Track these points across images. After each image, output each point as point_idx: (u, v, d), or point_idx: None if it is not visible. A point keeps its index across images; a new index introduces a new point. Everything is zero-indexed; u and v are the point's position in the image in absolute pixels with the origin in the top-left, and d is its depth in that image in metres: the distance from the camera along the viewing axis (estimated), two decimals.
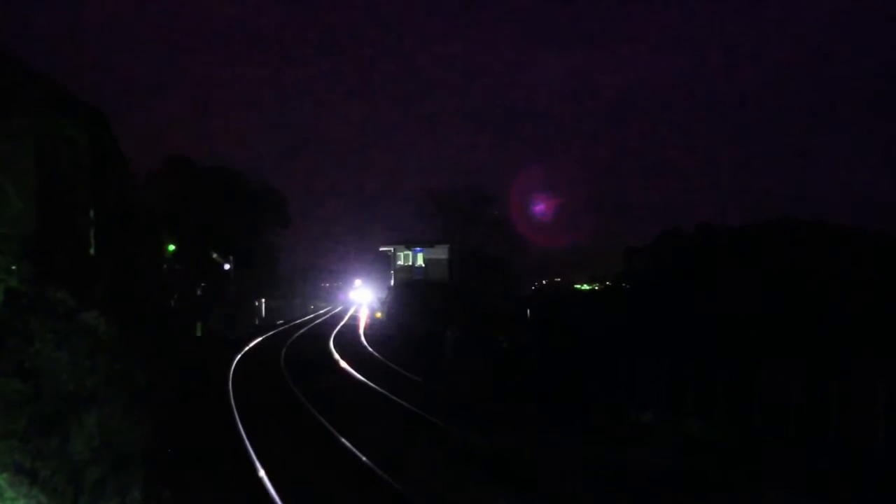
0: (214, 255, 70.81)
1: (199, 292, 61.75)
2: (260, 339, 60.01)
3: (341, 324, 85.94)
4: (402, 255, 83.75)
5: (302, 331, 73.73)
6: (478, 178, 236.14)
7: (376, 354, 49.21)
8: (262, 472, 16.25)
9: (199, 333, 55.06)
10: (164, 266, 51.30)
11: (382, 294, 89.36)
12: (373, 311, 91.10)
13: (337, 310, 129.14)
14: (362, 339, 63.12)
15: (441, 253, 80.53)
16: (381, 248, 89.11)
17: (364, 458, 17.89)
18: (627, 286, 51.38)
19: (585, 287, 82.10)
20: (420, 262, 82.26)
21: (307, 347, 54.15)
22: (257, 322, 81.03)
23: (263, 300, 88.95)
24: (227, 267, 73.53)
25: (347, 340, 61.65)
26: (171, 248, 53.47)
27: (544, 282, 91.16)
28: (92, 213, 24.99)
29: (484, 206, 78.75)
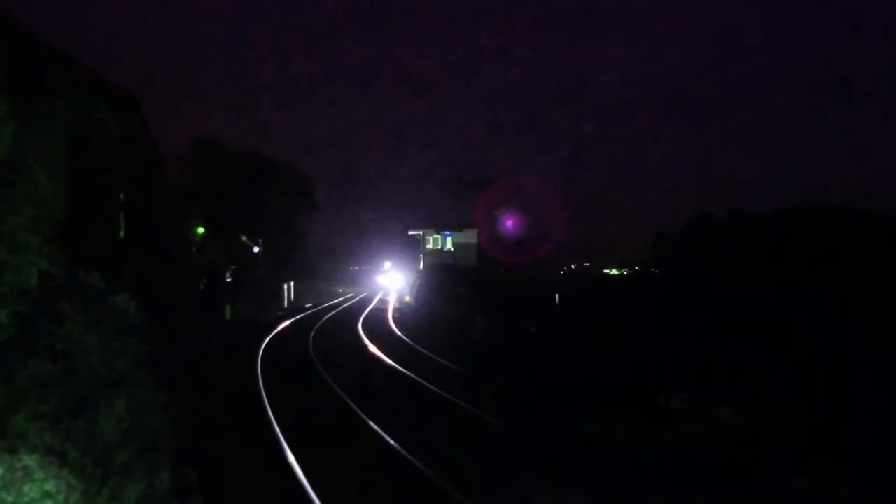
0: (243, 239, 71.13)
1: (228, 275, 62.08)
2: (288, 322, 60.25)
3: (370, 307, 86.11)
4: (431, 238, 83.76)
5: (330, 314, 73.95)
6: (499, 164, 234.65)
7: (405, 338, 49.22)
8: (291, 458, 16.35)
9: (228, 317, 55.40)
10: (194, 249, 51.62)
11: (411, 278, 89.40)
12: (401, 296, 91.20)
13: (365, 294, 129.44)
14: (391, 322, 63.19)
15: (470, 237, 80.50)
16: (411, 232, 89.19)
17: (393, 443, 17.97)
18: (656, 272, 51.12)
19: (614, 272, 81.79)
20: (449, 245, 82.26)
21: (336, 331, 54.29)
22: (286, 305, 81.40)
23: (292, 283, 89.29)
24: (255, 250, 73.87)
25: (376, 324, 61.76)
26: (201, 230, 53.77)
27: (573, 266, 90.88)
28: (122, 196, 25.13)
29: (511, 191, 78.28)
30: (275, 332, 50.79)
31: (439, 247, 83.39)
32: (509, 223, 76.12)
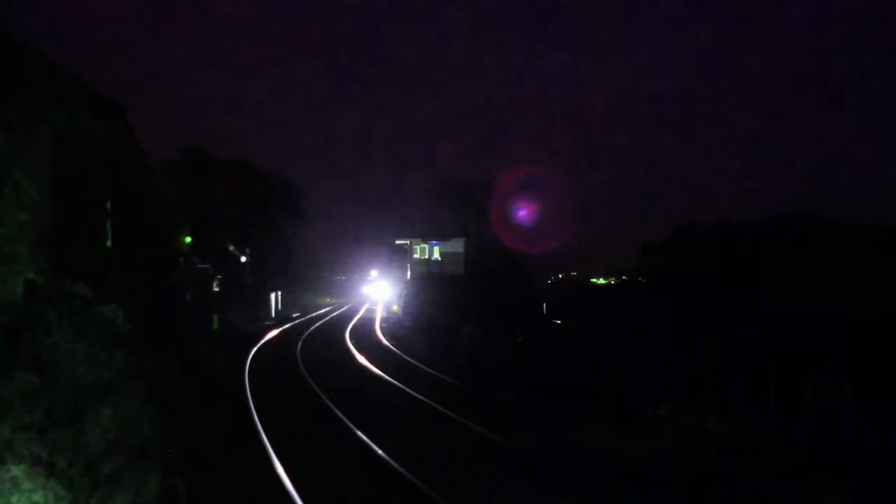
0: (231, 248, 70.92)
1: (215, 285, 61.88)
2: (276, 332, 60.13)
3: (357, 317, 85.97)
4: (418, 248, 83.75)
5: (318, 324, 73.82)
6: (487, 174, 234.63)
7: (393, 348, 49.15)
8: (280, 469, 16.31)
9: (215, 326, 55.14)
10: (181, 258, 51.43)
11: (398, 288, 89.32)
12: (388, 306, 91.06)
13: (352, 304, 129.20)
14: (378, 333, 63.08)
15: (457, 246, 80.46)
16: (398, 242, 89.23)
17: (381, 453, 17.96)
18: (643, 280, 51.23)
19: (601, 281, 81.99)
20: (436, 255, 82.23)
21: (324, 341, 54.19)
22: (273, 315, 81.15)
23: (279, 293, 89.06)
24: (243, 259, 73.65)
25: (363, 334, 61.66)
26: (188, 240, 53.59)
27: (560, 276, 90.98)
28: (108, 205, 25.03)
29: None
30: (262, 341, 50.69)
31: (426, 256, 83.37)
32: (523, 212, 76.28)
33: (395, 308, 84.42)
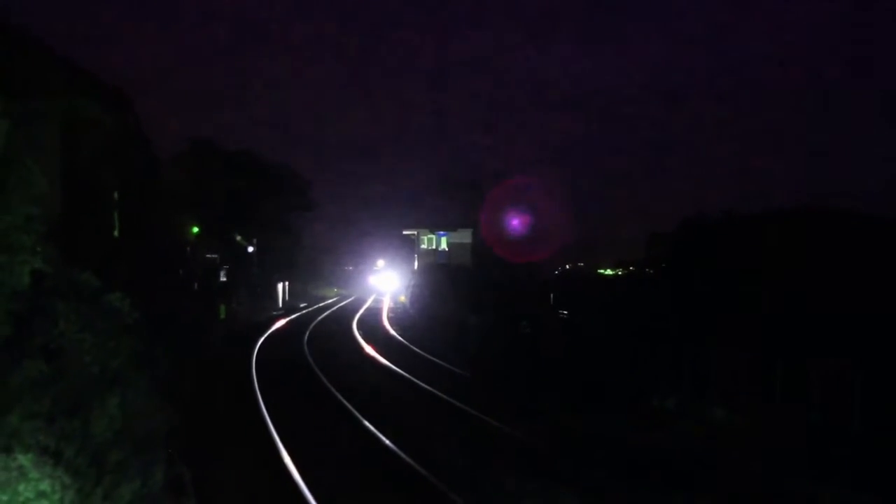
0: (238, 238, 71.02)
1: (222, 275, 61.99)
2: (283, 321, 60.20)
3: (364, 308, 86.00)
4: (425, 238, 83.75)
5: (326, 314, 73.89)
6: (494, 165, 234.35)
7: (401, 339, 49.15)
8: (287, 459, 16.32)
9: (222, 316, 55.24)
10: (188, 248, 51.54)
11: (406, 278, 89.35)
12: (396, 296, 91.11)
13: (359, 294, 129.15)
14: (385, 323, 63.10)
15: (464, 237, 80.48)
16: (405, 232, 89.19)
17: (389, 443, 17.99)
18: (651, 272, 51.10)
19: (609, 272, 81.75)
20: (444, 245, 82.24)
21: (332, 331, 54.25)
22: (280, 305, 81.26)
23: (287, 283, 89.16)
24: (250, 250, 73.75)
25: (371, 324, 61.67)
26: (195, 230, 53.71)
27: (567, 266, 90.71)
28: (116, 195, 25.11)
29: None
30: (270, 331, 50.73)
31: (434, 247, 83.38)
32: (515, 222, 75.86)
33: (402, 298, 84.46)
